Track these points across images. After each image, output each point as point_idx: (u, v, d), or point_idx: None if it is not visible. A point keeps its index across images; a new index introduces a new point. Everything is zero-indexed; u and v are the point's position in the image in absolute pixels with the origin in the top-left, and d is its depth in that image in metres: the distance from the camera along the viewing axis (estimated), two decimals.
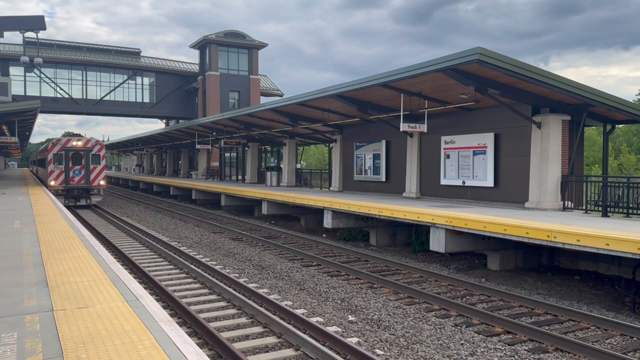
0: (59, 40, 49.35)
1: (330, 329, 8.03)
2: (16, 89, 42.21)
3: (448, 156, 17.72)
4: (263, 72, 58.10)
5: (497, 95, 13.93)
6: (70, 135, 35.46)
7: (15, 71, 44.59)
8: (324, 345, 7.32)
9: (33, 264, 7.30)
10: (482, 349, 7.63)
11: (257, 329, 8.14)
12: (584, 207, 13.74)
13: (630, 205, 12.45)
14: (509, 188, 15.75)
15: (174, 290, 10.52)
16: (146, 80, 51.08)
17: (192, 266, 12.59)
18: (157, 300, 9.54)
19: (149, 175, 52.06)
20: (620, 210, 12.69)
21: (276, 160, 39.04)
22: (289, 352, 7.18)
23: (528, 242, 10.61)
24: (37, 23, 31.46)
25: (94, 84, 48.63)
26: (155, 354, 3.97)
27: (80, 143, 28.31)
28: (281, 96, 52.61)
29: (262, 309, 8.71)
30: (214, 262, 13.94)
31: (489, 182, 16.18)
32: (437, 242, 12.69)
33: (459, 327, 8.63)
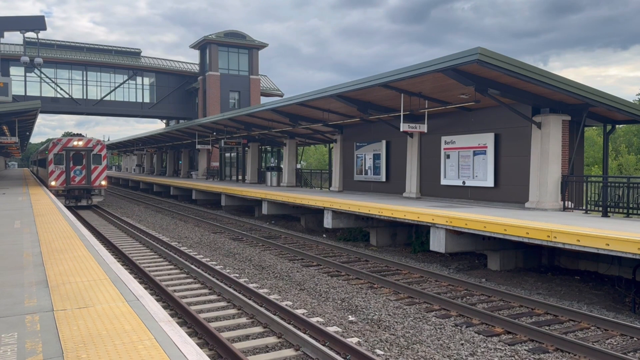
0: (59, 41, 49.35)
1: (331, 329, 8.03)
2: (16, 89, 42.18)
3: (448, 156, 17.72)
4: (262, 72, 58.01)
5: (497, 95, 13.93)
6: (70, 135, 35.40)
7: (16, 71, 44.58)
8: (324, 345, 7.32)
9: (33, 264, 7.30)
10: (482, 349, 7.63)
11: (257, 329, 8.14)
12: (584, 207, 13.74)
13: (630, 206, 12.45)
14: (509, 188, 15.75)
15: (174, 290, 10.53)
16: (146, 81, 51.09)
17: (193, 266, 12.60)
18: (157, 300, 9.55)
19: (149, 176, 52.05)
20: (620, 210, 12.69)
21: (276, 160, 38.99)
22: (289, 352, 7.19)
23: (528, 242, 10.61)
24: (37, 23, 31.42)
25: (94, 84, 48.63)
26: (155, 354, 3.97)
27: (81, 143, 28.25)
28: (281, 96, 52.61)
29: (262, 309, 8.72)
30: (214, 262, 13.95)
31: (489, 182, 16.18)
32: (437, 242, 12.69)
33: (459, 327, 8.63)
